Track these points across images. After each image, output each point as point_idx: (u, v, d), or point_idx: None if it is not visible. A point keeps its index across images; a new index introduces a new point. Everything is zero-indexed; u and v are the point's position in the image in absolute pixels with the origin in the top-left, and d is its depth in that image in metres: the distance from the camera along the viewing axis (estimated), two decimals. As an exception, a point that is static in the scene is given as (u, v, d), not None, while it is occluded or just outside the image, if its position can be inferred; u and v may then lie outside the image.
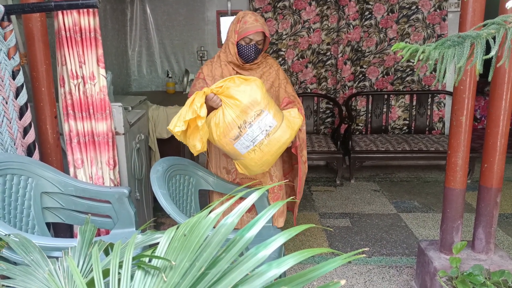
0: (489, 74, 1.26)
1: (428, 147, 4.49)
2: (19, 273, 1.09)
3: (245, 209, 1.02)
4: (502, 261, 2.42)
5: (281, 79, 2.47)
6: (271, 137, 2.13)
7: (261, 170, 2.28)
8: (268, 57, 2.50)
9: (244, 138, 2.13)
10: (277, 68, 2.47)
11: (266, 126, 2.11)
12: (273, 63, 2.49)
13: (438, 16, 4.73)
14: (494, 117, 2.29)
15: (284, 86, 2.47)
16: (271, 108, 2.13)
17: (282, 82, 2.47)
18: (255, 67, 2.39)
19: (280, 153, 2.23)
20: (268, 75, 2.43)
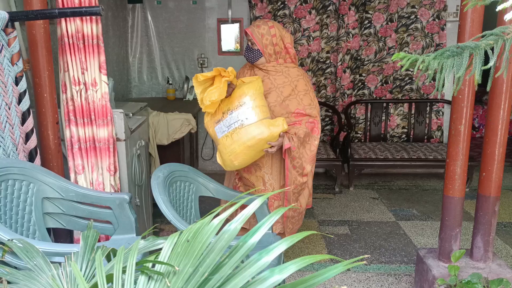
0: (488, 84, 1.28)
1: (426, 155, 4.51)
2: (22, 277, 1.10)
3: (247, 216, 1.03)
4: (500, 269, 2.43)
5: (299, 91, 2.56)
6: (243, 128, 2.31)
7: (231, 162, 2.41)
8: (292, 67, 2.61)
9: (223, 122, 2.38)
10: (296, 80, 2.57)
11: (243, 117, 2.32)
12: (294, 75, 2.59)
13: (437, 25, 4.78)
14: (492, 126, 2.32)
15: (300, 97, 2.56)
16: (256, 105, 2.32)
17: (299, 93, 2.56)
18: (270, 70, 2.59)
19: (249, 148, 2.35)
20: (282, 86, 2.57)
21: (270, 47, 2.55)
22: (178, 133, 3.72)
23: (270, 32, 2.55)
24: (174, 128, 3.69)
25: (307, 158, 2.55)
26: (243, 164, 2.46)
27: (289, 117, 2.55)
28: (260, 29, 2.55)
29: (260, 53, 2.56)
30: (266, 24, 2.56)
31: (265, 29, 2.54)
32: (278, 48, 2.57)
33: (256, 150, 2.39)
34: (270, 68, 2.58)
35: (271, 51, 2.56)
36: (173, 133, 3.68)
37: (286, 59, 2.61)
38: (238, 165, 2.45)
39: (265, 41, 2.54)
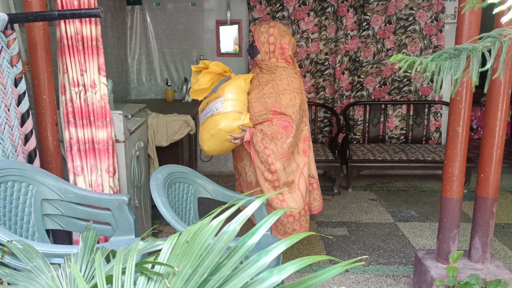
0: (485, 86, 1.29)
1: (425, 156, 4.52)
2: (22, 278, 1.10)
3: (246, 217, 1.04)
4: (498, 270, 2.44)
5: (280, 90, 2.65)
6: (212, 117, 2.60)
7: (202, 146, 2.73)
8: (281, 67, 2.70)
9: (203, 112, 2.71)
10: (279, 79, 2.66)
11: (215, 108, 2.61)
12: (279, 73, 2.68)
13: (435, 27, 4.79)
14: (490, 127, 2.33)
15: (280, 96, 2.64)
16: (228, 99, 2.59)
17: (279, 92, 2.65)
18: (263, 67, 2.73)
19: (213, 137, 2.62)
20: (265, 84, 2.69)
21: (267, 45, 2.69)
22: (177, 135, 3.73)
23: (269, 31, 2.68)
24: (173, 129, 3.70)
25: (277, 155, 2.60)
26: (211, 150, 2.72)
27: (267, 113, 2.64)
28: (261, 28, 2.71)
29: (257, 50, 2.72)
30: (268, 23, 2.72)
31: (265, 28, 2.69)
32: (273, 47, 2.68)
33: (219, 139, 2.62)
34: (263, 66, 2.73)
35: (267, 49, 2.70)
36: (172, 135, 3.68)
37: (279, 59, 2.70)
38: (207, 150, 2.73)
39: (263, 39, 2.69)
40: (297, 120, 2.62)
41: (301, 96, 2.68)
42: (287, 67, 2.71)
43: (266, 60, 2.71)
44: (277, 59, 2.70)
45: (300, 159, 2.71)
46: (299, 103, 2.65)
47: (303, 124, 2.74)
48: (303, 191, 2.71)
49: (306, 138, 2.74)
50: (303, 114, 2.72)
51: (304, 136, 2.74)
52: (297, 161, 2.70)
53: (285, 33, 2.71)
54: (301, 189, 2.71)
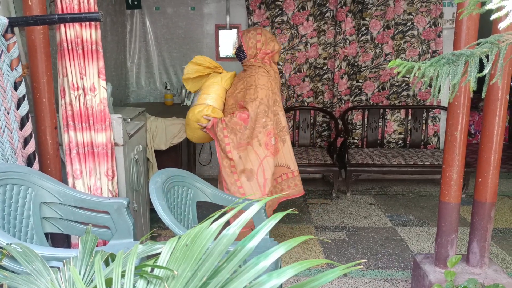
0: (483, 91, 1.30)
1: (423, 161, 4.53)
2: (21, 282, 1.11)
3: (246, 221, 1.04)
4: (496, 275, 2.44)
5: (249, 85, 2.93)
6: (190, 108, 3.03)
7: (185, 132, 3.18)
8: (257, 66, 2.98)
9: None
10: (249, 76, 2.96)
11: (193, 101, 3.08)
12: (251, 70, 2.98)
13: (433, 32, 4.82)
14: (488, 132, 2.34)
15: (246, 91, 2.93)
16: (201, 93, 3.00)
17: (247, 87, 2.93)
18: (245, 69, 3.05)
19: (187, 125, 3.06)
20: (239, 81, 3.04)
21: (253, 50, 3.00)
22: (176, 138, 3.73)
23: (257, 38, 3.00)
24: (172, 133, 3.70)
25: (235, 144, 2.87)
26: (191, 137, 3.16)
27: (236, 107, 2.97)
28: (249, 34, 3.02)
29: (245, 54, 3.03)
30: (256, 30, 3.03)
31: (253, 34, 3.00)
32: (257, 51, 2.99)
33: (191, 128, 3.03)
34: (245, 67, 3.05)
35: (253, 53, 3.01)
36: (171, 138, 3.69)
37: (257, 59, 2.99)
38: (188, 137, 3.19)
39: (251, 44, 3.00)
40: (255, 114, 2.85)
41: (266, 92, 2.89)
42: (260, 66, 2.97)
43: (250, 60, 3.01)
44: (255, 60, 3.00)
45: (261, 151, 2.91)
46: (262, 98, 2.87)
47: (268, 119, 2.91)
48: (261, 181, 2.91)
49: (269, 132, 2.92)
50: (268, 110, 2.90)
51: (268, 131, 2.91)
52: (258, 152, 2.91)
53: (271, 40, 3.02)
54: (259, 179, 2.91)
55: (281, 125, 3.05)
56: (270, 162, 2.93)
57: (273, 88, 2.96)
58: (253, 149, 2.90)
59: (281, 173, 3.11)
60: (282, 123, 3.05)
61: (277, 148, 3.02)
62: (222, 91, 3.02)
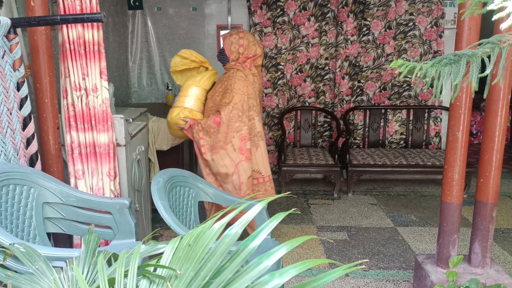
0: (484, 91, 1.30)
1: (424, 161, 4.53)
2: (24, 281, 1.11)
3: (248, 221, 1.04)
4: (498, 275, 2.44)
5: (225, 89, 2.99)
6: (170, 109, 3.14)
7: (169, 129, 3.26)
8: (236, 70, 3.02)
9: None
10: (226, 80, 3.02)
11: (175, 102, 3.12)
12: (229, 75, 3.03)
13: (434, 32, 4.81)
14: (489, 132, 2.34)
15: (223, 95, 3.00)
16: (181, 95, 3.07)
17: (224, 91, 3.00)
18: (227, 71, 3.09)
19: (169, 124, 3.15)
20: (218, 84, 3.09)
21: (236, 54, 3.03)
22: (177, 139, 3.73)
23: (239, 42, 3.01)
24: (173, 133, 3.70)
25: (209, 147, 2.96)
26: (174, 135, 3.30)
27: (214, 110, 3.03)
28: (232, 38, 3.03)
29: (227, 58, 3.06)
30: (238, 34, 3.04)
31: (236, 39, 3.02)
32: (240, 56, 3.03)
33: (172, 128, 3.14)
34: (226, 70, 3.09)
35: (235, 58, 3.04)
36: (173, 139, 3.69)
37: (238, 63, 3.03)
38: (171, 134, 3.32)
39: (233, 49, 3.02)
40: (227, 118, 2.91)
41: (241, 97, 2.93)
42: (239, 69, 3.01)
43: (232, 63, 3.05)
44: (235, 63, 3.04)
45: (236, 156, 2.94)
46: (236, 102, 2.91)
47: (242, 123, 2.94)
48: (236, 184, 2.98)
49: (244, 137, 2.95)
50: (242, 115, 2.93)
51: (242, 135, 2.94)
52: (232, 157, 2.94)
53: (253, 44, 3.04)
54: (234, 182, 2.97)
55: (255, 130, 3.06)
56: (245, 166, 2.97)
57: (249, 93, 2.97)
58: (227, 153, 2.93)
59: (254, 178, 3.14)
60: (257, 129, 3.07)
61: (250, 152, 3.06)
62: (200, 92, 3.07)
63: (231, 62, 3.06)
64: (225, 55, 3.07)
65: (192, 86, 3.07)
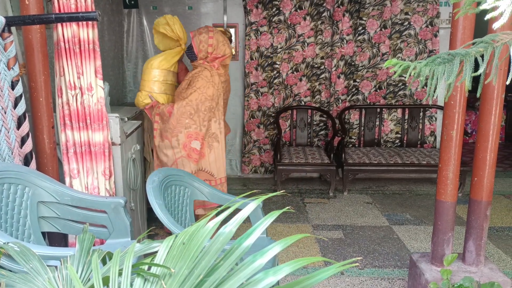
0: (478, 90, 1.31)
1: (420, 160, 4.55)
2: (19, 280, 1.11)
3: (242, 219, 1.05)
4: (492, 273, 2.45)
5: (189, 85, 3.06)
6: None
7: None
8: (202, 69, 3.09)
9: None
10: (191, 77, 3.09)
11: None
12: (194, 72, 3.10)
13: (430, 32, 4.83)
14: (483, 131, 2.35)
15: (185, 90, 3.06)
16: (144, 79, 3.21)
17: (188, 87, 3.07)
18: (194, 68, 3.16)
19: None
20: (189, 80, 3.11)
21: (204, 53, 3.08)
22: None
23: (208, 42, 3.07)
24: (169, 132, 3.69)
25: (159, 132, 3.08)
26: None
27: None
28: (201, 36, 3.08)
29: (195, 55, 3.12)
30: (207, 33, 3.09)
31: (205, 38, 3.07)
32: (208, 55, 3.09)
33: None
34: (194, 67, 3.17)
35: (203, 56, 3.10)
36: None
37: (205, 61, 3.11)
38: None
39: (201, 47, 3.07)
40: (178, 112, 2.97)
41: (198, 96, 2.99)
42: (206, 68, 3.08)
43: (200, 61, 3.12)
44: (203, 62, 3.10)
45: (178, 150, 3.03)
46: (191, 100, 2.98)
47: (192, 121, 3.01)
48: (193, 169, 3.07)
49: (190, 135, 3.02)
50: (194, 113, 3.00)
51: (189, 133, 3.01)
52: (175, 151, 3.04)
53: (222, 44, 3.10)
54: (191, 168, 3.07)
55: (210, 131, 3.13)
56: (185, 162, 3.04)
57: (209, 94, 3.02)
58: (171, 145, 3.04)
59: (204, 179, 3.15)
60: (212, 130, 3.13)
61: (203, 153, 3.12)
62: (160, 73, 3.16)
63: (199, 60, 3.12)
64: (193, 52, 3.13)
65: (152, 69, 3.16)
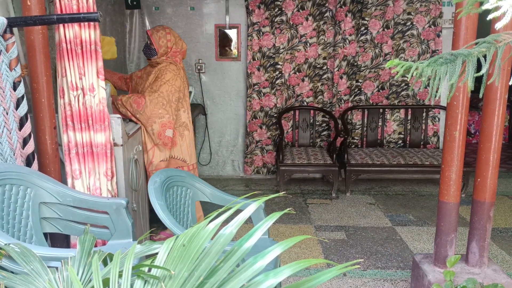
0: (480, 91, 1.30)
1: (422, 161, 4.53)
2: (19, 282, 1.11)
3: (243, 220, 1.04)
4: (496, 274, 2.44)
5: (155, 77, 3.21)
6: None
7: None
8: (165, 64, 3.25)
9: None
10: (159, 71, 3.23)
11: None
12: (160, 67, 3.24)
13: (432, 32, 4.81)
14: (486, 132, 2.34)
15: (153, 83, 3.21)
16: None
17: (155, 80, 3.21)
18: (153, 64, 3.29)
19: None
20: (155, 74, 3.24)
21: (164, 48, 3.22)
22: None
23: (167, 37, 3.23)
24: (171, 133, 3.70)
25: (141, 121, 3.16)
26: None
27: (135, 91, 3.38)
28: (159, 33, 3.22)
29: (155, 51, 3.23)
30: (164, 30, 3.26)
31: (163, 34, 3.23)
32: (168, 50, 3.24)
33: None
34: (153, 63, 3.28)
35: (164, 52, 3.23)
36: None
37: (168, 57, 3.25)
38: None
39: (161, 43, 3.21)
40: (152, 104, 3.11)
41: (169, 88, 3.18)
42: (172, 63, 3.25)
43: (162, 58, 3.24)
44: (166, 57, 3.25)
45: (154, 138, 3.21)
46: (162, 91, 3.15)
47: (165, 111, 3.18)
48: (146, 161, 3.25)
49: (164, 124, 3.20)
50: (166, 104, 3.17)
51: (163, 122, 3.19)
52: (152, 138, 3.21)
53: (179, 39, 3.32)
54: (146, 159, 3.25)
55: (180, 120, 3.35)
56: (161, 149, 3.25)
57: (178, 86, 3.24)
58: (145, 135, 3.21)
59: (177, 166, 3.37)
60: (182, 119, 3.35)
61: (174, 141, 3.33)
62: None
63: (160, 57, 3.24)
64: (153, 49, 3.23)
65: None
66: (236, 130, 5.20)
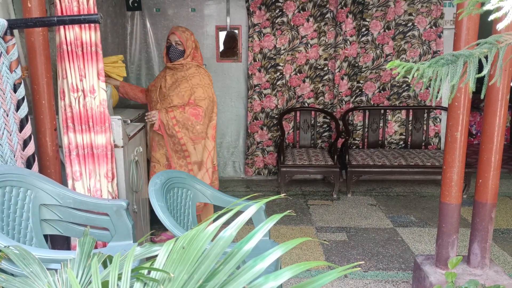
0: (482, 92, 1.29)
1: (424, 162, 4.52)
2: (18, 284, 1.10)
3: (243, 222, 1.04)
4: (497, 276, 2.43)
5: (193, 85, 3.14)
6: None
7: None
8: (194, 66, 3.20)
9: None
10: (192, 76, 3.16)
11: None
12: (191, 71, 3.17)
13: (434, 33, 4.81)
14: (488, 133, 2.33)
15: (193, 90, 3.13)
16: None
17: (193, 87, 3.14)
18: (178, 67, 3.18)
19: None
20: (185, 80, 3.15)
21: (191, 49, 3.17)
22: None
23: (191, 38, 3.21)
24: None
25: (188, 138, 3.14)
26: None
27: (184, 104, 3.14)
28: (186, 34, 3.17)
29: (183, 53, 3.16)
30: (188, 30, 3.22)
31: (188, 35, 3.18)
32: (193, 51, 3.21)
33: None
34: (177, 66, 3.17)
35: (189, 52, 3.17)
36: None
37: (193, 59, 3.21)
38: None
39: (189, 44, 3.16)
40: (208, 111, 3.16)
41: (210, 90, 3.19)
42: (199, 65, 3.23)
43: (187, 59, 3.17)
44: (191, 59, 3.20)
45: (209, 143, 3.23)
46: (210, 96, 3.16)
47: (214, 114, 3.24)
48: (209, 170, 3.25)
49: (214, 126, 3.25)
50: (213, 106, 3.22)
51: (213, 125, 3.24)
52: (206, 144, 3.22)
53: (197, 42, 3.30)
54: (208, 168, 3.24)
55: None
56: (214, 153, 3.30)
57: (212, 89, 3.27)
58: (204, 141, 3.21)
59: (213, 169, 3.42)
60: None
61: None
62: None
63: (186, 58, 3.17)
64: (181, 50, 3.16)
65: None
66: (237, 131, 5.20)
